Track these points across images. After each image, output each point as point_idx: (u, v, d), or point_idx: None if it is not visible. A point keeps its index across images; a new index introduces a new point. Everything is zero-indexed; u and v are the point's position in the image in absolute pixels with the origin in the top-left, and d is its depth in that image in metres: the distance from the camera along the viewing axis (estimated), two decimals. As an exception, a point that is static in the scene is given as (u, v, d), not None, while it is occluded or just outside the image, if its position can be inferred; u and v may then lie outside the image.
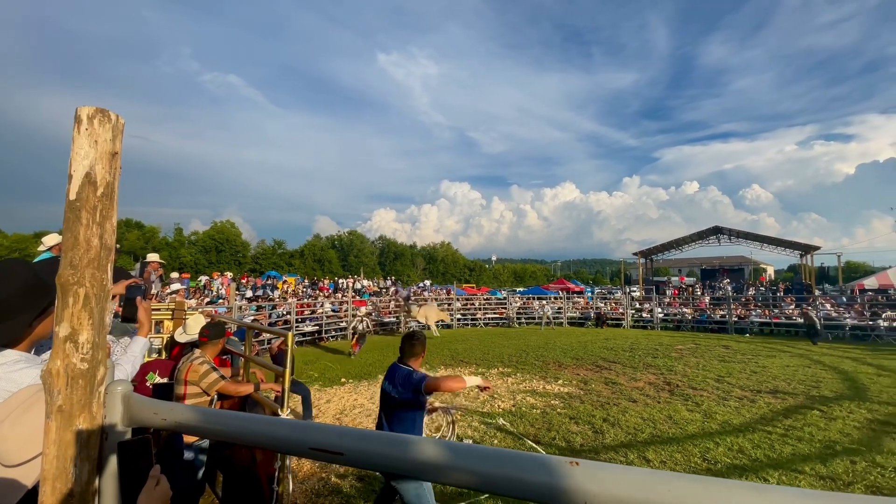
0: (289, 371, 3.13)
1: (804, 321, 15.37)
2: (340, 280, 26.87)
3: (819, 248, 28.01)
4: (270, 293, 19.86)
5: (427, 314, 15.95)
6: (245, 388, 3.48)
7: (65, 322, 0.97)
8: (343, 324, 16.53)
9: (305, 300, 18.22)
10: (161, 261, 7.39)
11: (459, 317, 20.64)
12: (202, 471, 3.30)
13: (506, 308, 21.91)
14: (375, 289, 25.65)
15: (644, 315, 21.26)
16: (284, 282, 23.46)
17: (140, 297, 1.80)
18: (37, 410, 1.07)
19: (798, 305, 19.20)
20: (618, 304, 22.64)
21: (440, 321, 17.30)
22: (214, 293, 18.02)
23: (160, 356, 4.45)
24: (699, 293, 26.82)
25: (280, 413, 3.12)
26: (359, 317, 15.65)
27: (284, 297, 18.73)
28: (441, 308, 18.49)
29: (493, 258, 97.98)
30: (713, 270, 37.36)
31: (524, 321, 21.56)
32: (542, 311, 20.68)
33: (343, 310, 17.12)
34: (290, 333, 3.30)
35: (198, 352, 3.47)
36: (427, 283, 33.54)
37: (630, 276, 42.26)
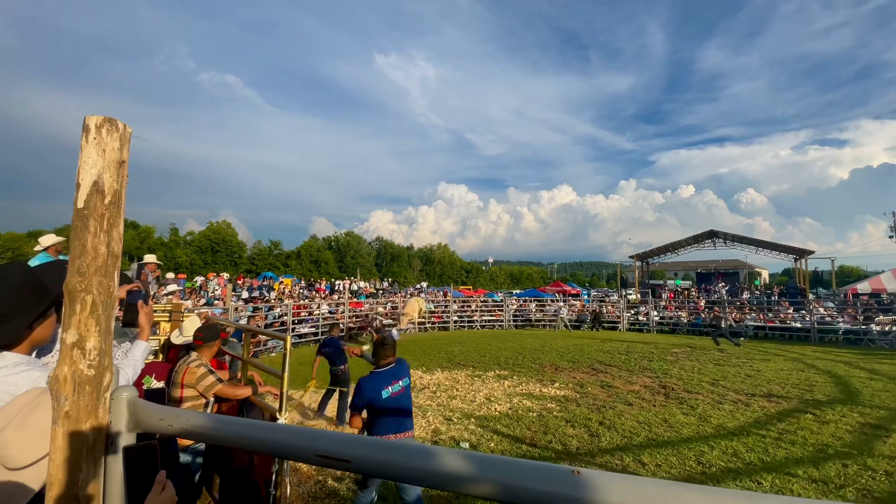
0: (286, 374, 3.14)
1: (713, 322, 15.37)
2: (337, 281, 26.81)
3: (813, 253, 28.21)
4: (267, 294, 19.80)
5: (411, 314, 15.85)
6: (242, 392, 3.48)
7: (72, 329, 0.98)
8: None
9: (302, 301, 18.18)
10: (158, 262, 7.37)
11: (456, 318, 20.66)
12: (199, 474, 3.30)
13: (502, 311, 21.93)
14: (372, 290, 25.62)
15: (640, 318, 21.35)
16: (281, 283, 23.37)
17: (141, 302, 1.80)
18: (40, 413, 1.08)
19: (760, 309, 19.35)
20: (614, 307, 22.73)
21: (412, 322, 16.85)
22: (210, 294, 17.94)
23: (157, 358, 4.44)
24: (695, 296, 26.95)
25: (279, 417, 3.12)
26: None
27: (281, 299, 18.68)
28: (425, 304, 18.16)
29: (490, 260, 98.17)
30: (708, 274, 37.51)
31: (520, 323, 21.61)
32: (559, 314, 20.51)
33: (339, 311, 17.11)
34: (289, 337, 3.31)
35: (194, 354, 3.46)
36: (424, 285, 33.57)
37: (626, 279, 42.47)
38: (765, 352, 13.35)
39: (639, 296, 27.72)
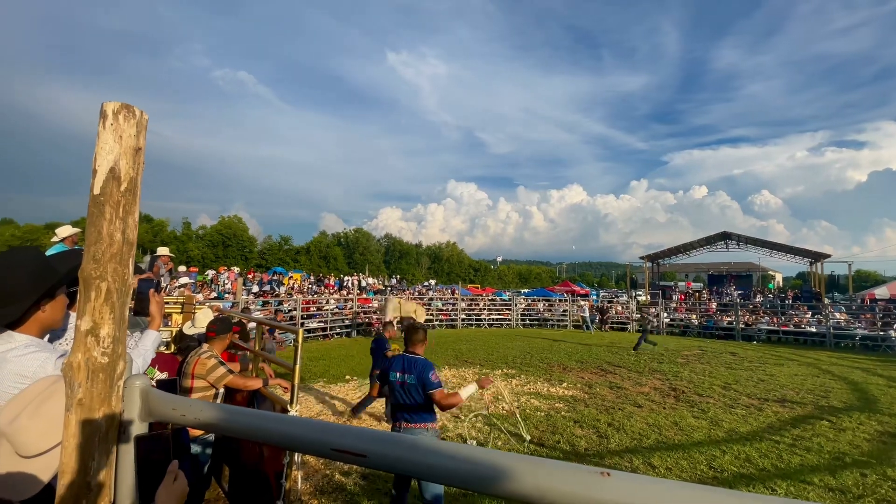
0: (298, 366, 3.15)
1: (640, 325, 14.82)
2: (346, 277, 26.93)
3: (829, 256, 27.72)
4: (276, 289, 19.95)
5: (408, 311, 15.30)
6: (253, 383, 3.50)
7: (87, 316, 0.98)
8: (348, 321, 16.57)
9: (311, 297, 18.29)
10: (171, 254, 7.45)
11: (464, 317, 20.63)
12: (207, 465, 3.32)
13: (510, 309, 21.84)
14: (380, 287, 25.69)
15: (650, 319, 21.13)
16: (290, 278, 23.54)
17: (153, 291, 1.81)
18: (55, 401, 1.07)
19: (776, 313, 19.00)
20: (623, 308, 22.52)
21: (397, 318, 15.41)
22: (221, 287, 18.13)
23: (168, 349, 4.48)
24: (706, 298, 26.61)
25: (289, 409, 3.13)
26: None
27: (290, 293, 18.81)
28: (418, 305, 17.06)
29: (499, 259, 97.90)
30: (720, 276, 37.01)
31: (528, 323, 21.52)
32: (582, 314, 19.83)
33: (348, 307, 17.18)
34: (300, 330, 3.32)
35: (205, 346, 3.48)
36: (432, 283, 33.59)
37: (636, 280, 42.05)
38: (778, 356, 13.12)
39: (649, 297, 27.43)
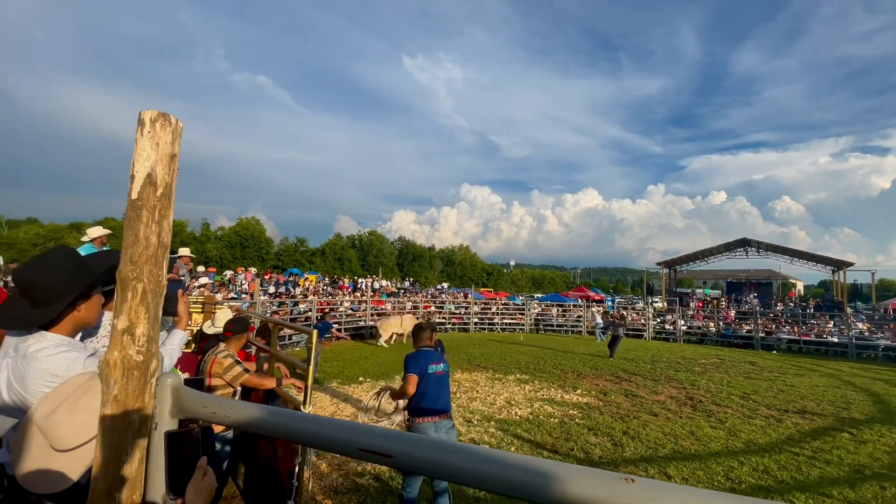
0: (312, 368, 3.19)
1: (612, 332, 13.47)
2: (360, 279, 27.12)
3: (852, 265, 26.91)
4: (292, 290, 20.19)
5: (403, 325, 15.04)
6: (268, 382, 3.56)
7: (123, 315, 1.02)
8: (361, 322, 16.69)
9: (326, 298, 18.47)
10: (192, 255, 7.62)
11: (476, 321, 20.59)
12: (226, 462, 3.38)
13: (523, 314, 21.72)
14: (393, 289, 25.81)
15: (666, 327, 20.80)
16: (305, 279, 23.81)
17: (181, 291, 1.86)
18: (90, 397, 1.12)
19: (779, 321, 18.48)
20: (639, 315, 22.20)
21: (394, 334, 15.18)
22: (238, 288, 18.42)
23: (188, 348, 4.58)
24: (724, 306, 26.08)
25: (303, 408, 3.17)
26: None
27: (305, 295, 19.02)
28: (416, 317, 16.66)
29: (512, 263, 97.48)
30: (739, 284, 36.22)
31: (542, 328, 21.37)
32: (594, 320, 19.21)
33: (362, 309, 17.30)
34: (315, 331, 3.37)
35: (222, 345, 3.56)
36: (445, 286, 33.60)
37: (652, 287, 41.44)
38: (799, 366, 12.79)
39: (665, 304, 27.00)
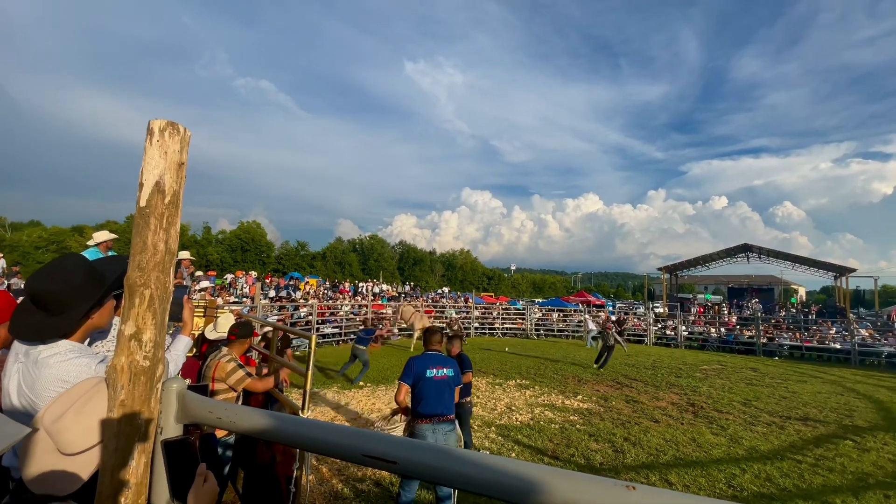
0: (310, 372, 3.20)
1: (603, 341, 12.33)
2: (360, 283, 27.12)
3: (855, 271, 26.94)
4: (292, 294, 20.19)
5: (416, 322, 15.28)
6: (267, 383, 3.59)
7: (130, 321, 1.03)
8: (362, 326, 16.68)
9: (326, 302, 18.46)
10: (192, 258, 7.64)
11: (477, 325, 20.56)
12: (227, 467, 3.38)
13: (524, 319, 21.68)
14: (394, 293, 25.80)
15: (668, 332, 20.74)
16: (306, 283, 23.81)
17: (186, 297, 1.88)
18: (97, 401, 1.13)
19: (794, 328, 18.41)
20: (640, 321, 22.15)
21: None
22: (239, 291, 18.43)
23: (190, 353, 4.59)
24: (726, 312, 26.02)
25: (301, 413, 3.18)
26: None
27: (306, 299, 19.02)
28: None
29: (513, 267, 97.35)
30: (741, 289, 36.15)
31: (542, 333, 21.32)
32: (588, 328, 18.55)
33: (363, 313, 17.29)
34: (313, 336, 3.38)
35: (225, 350, 3.57)
36: (445, 290, 33.59)
37: (653, 292, 41.36)
38: (801, 373, 12.74)
39: (666, 309, 26.95)
